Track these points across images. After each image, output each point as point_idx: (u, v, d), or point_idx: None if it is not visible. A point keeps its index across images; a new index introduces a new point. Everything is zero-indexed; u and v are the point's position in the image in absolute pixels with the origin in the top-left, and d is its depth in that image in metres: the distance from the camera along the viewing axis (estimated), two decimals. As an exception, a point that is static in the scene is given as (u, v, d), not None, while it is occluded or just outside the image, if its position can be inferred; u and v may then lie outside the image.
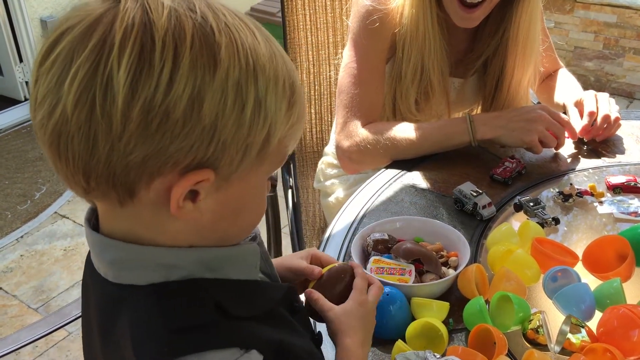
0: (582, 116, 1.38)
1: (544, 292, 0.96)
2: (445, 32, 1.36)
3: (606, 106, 1.38)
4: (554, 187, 1.25)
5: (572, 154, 1.38)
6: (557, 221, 1.14)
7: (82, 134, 0.52)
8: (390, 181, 1.29)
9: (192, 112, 0.53)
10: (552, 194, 1.23)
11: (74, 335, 2.15)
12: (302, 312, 0.74)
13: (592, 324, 0.89)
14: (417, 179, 1.29)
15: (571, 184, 1.25)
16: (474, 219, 1.16)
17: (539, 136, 1.29)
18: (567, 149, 1.37)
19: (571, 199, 1.20)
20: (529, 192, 1.24)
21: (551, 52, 1.58)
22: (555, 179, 1.30)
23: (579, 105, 1.41)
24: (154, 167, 0.54)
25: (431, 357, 0.82)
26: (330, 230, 1.15)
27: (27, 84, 3.44)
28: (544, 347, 0.87)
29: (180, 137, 0.53)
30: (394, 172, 1.32)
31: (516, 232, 1.07)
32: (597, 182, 1.26)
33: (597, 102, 1.39)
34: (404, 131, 1.33)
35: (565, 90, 1.52)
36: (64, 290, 2.35)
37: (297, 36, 1.63)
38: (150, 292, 0.58)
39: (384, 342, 0.90)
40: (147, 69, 0.51)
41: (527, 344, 0.89)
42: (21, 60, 3.48)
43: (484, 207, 1.15)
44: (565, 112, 1.43)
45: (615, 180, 1.25)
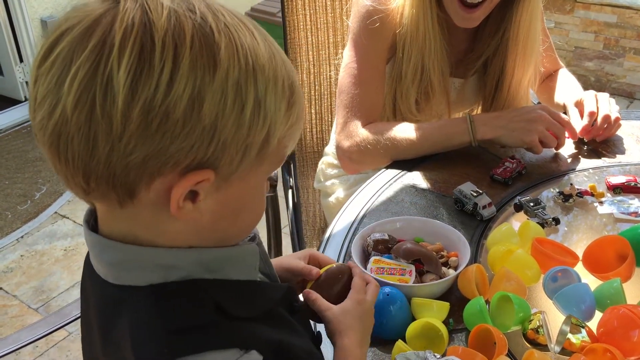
0: (582, 116, 1.38)
1: (544, 292, 0.96)
2: (445, 32, 1.36)
3: (606, 106, 1.38)
4: (554, 187, 1.25)
5: (573, 154, 1.38)
6: (557, 221, 1.14)
7: (82, 134, 0.52)
8: (390, 181, 1.28)
9: (192, 112, 0.53)
10: (552, 194, 1.23)
11: (74, 335, 2.15)
12: (302, 312, 0.74)
13: (592, 324, 0.89)
14: (417, 179, 1.29)
15: (571, 184, 1.24)
16: (474, 219, 1.16)
17: (539, 136, 1.29)
18: (568, 149, 1.37)
19: (571, 199, 1.20)
20: (529, 192, 1.24)
21: (551, 52, 1.58)
22: (555, 179, 1.30)
23: (579, 105, 1.41)
24: (154, 167, 0.54)
25: (431, 357, 0.82)
26: (330, 230, 1.15)
27: (27, 84, 3.44)
28: (544, 347, 0.87)
29: (180, 138, 0.53)
30: (394, 172, 1.32)
31: (516, 232, 1.07)
32: (597, 182, 1.26)
33: (597, 102, 1.39)
34: (404, 131, 1.33)
35: (565, 90, 1.52)
36: (64, 290, 2.35)
37: (298, 36, 1.63)
38: (149, 293, 0.58)
39: (384, 342, 0.90)
40: (147, 70, 0.51)
41: (527, 344, 0.89)
42: (21, 60, 3.48)
43: (484, 207, 1.15)
44: (565, 112, 1.43)
45: (615, 180, 1.25)
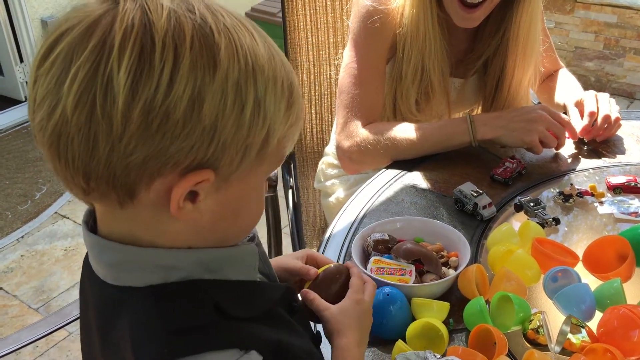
0: (582, 116, 1.38)
1: (544, 292, 0.96)
2: (445, 33, 1.36)
3: (606, 106, 1.38)
4: (555, 188, 1.25)
5: (573, 154, 1.38)
6: (557, 221, 1.14)
7: (82, 135, 0.52)
8: (390, 181, 1.28)
9: (193, 112, 0.53)
10: (552, 194, 1.23)
11: (75, 335, 2.15)
12: (301, 312, 0.74)
13: (593, 324, 0.89)
14: (417, 179, 1.29)
15: (571, 184, 1.24)
16: (474, 219, 1.16)
17: (540, 136, 1.29)
18: (568, 149, 1.37)
19: (571, 199, 1.20)
20: (530, 193, 1.24)
21: (551, 52, 1.58)
22: (555, 179, 1.30)
23: (580, 105, 1.41)
24: (154, 167, 0.54)
25: (431, 357, 0.82)
26: (330, 230, 1.15)
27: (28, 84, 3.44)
28: (544, 347, 0.87)
29: (180, 138, 0.53)
30: (394, 172, 1.32)
31: (516, 232, 1.07)
32: (597, 182, 1.26)
33: (597, 102, 1.38)
34: (405, 131, 1.33)
35: (565, 90, 1.52)
36: (65, 290, 2.35)
37: (298, 36, 1.63)
38: (148, 294, 0.58)
39: (385, 342, 0.90)
40: (147, 70, 0.51)
41: (528, 344, 0.89)
42: (22, 60, 3.48)
43: (484, 207, 1.15)
44: (565, 112, 1.43)
45: (615, 180, 1.25)
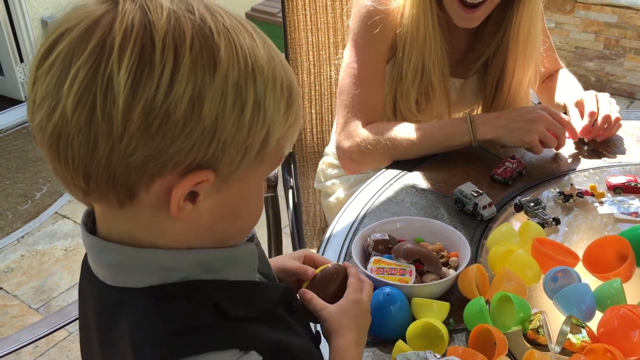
0: (582, 116, 1.38)
1: (545, 292, 0.96)
2: (445, 33, 1.36)
3: (607, 106, 1.38)
4: (555, 188, 1.25)
5: (573, 154, 1.38)
6: (557, 221, 1.14)
7: (82, 135, 0.52)
8: (390, 181, 1.29)
9: (193, 113, 0.53)
10: (552, 194, 1.23)
11: (75, 335, 2.15)
12: (299, 312, 0.74)
13: (593, 325, 0.89)
14: (417, 179, 1.29)
15: (572, 184, 1.24)
16: (474, 219, 1.16)
17: (540, 136, 1.29)
18: (568, 149, 1.37)
19: (572, 199, 1.20)
20: (530, 193, 1.24)
21: (552, 52, 1.58)
22: (555, 179, 1.30)
23: (580, 105, 1.41)
24: (154, 168, 0.54)
25: (432, 358, 0.82)
26: (330, 230, 1.15)
27: (28, 84, 3.44)
28: (544, 347, 0.87)
29: (181, 138, 0.53)
30: (394, 172, 1.32)
31: (517, 232, 1.07)
32: (597, 182, 1.26)
33: (597, 102, 1.38)
34: (405, 131, 1.33)
35: (565, 90, 1.52)
36: (65, 290, 2.35)
37: (298, 36, 1.63)
38: (148, 295, 0.58)
39: (385, 342, 0.90)
40: (147, 70, 0.51)
41: (528, 344, 0.89)
42: (22, 60, 3.48)
43: (484, 207, 1.15)
44: (565, 113, 1.42)
45: (615, 180, 1.25)
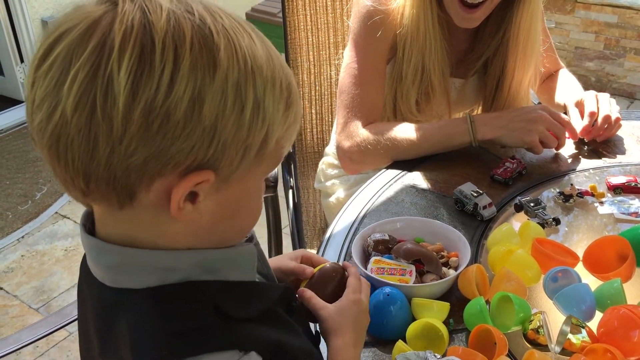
0: (582, 116, 1.38)
1: (545, 292, 0.96)
2: (446, 33, 1.36)
3: (607, 106, 1.38)
4: (555, 188, 1.25)
5: (573, 154, 1.38)
6: (557, 221, 1.14)
7: (82, 136, 0.52)
8: (390, 181, 1.28)
9: (193, 113, 0.53)
10: (552, 194, 1.23)
11: (75, 335, 2.15)
12: (298, 311, 0.74)
13: (593, 325, 0.89)
14: (417, 179, 1.29)
15: (572, 184, 1.24)
16: (474, 220, 1.16)
17: (540, 136, 1.29)
18: (568, 149, 1.37)
19: (572, 200, 1.20)
20: (530, 193, 1.24)
21: (552, 52, 1.58)
22: (555, 179, 1.30)
23: (580, 105, 1.41)
24: (154, 169, 0.54)
25: (432, 358, 0.82)
26: (330, 230, 1.15)
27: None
28: (544, 347, 0.87)
29: (181, 139, 0.53)
30: (394, 172, 1.32)
31: (517, 232, 1.07)
32: (597, 182, 1.26)
33: (597, 102, 1.38)
34: (405, 131, 1.33)
35: (565, 90, 1.52)
36: (65, 290, 2.35)
37: (298, 36, 1.63)
38: (147, 296, 0.58)
39: (385, 342, 0.90)
40: (147, 71, 0.51)
41: (528, 345, 0.89)
42: (22, 60, 3.48)
43: (484, 207, 1.15)
44: (565, 113, 1.42)
45: (615, 180, 1.25)
